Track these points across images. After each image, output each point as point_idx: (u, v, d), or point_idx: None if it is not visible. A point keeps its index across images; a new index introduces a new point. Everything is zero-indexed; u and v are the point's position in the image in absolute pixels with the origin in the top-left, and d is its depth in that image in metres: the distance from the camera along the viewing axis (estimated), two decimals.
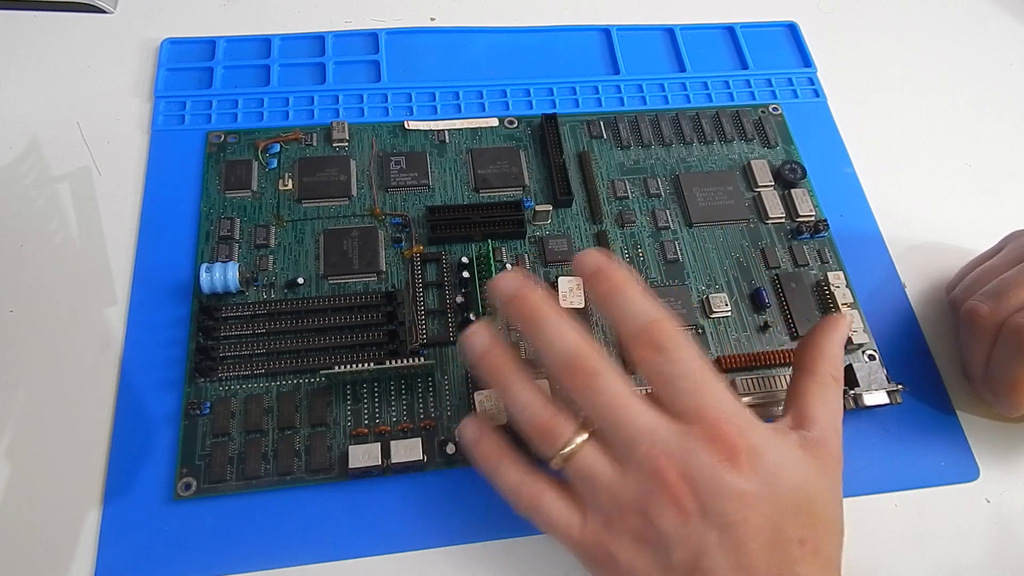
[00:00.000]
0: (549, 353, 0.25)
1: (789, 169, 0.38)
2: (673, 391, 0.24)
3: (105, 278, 0.33)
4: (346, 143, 0.37)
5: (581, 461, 0.24)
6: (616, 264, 0.25)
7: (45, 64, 0.39)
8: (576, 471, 0.24)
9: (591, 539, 0.24)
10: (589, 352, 0.24)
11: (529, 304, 0.25)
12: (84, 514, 0.28)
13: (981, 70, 0.46)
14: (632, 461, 0.23)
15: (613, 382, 0.24)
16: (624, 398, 0.24)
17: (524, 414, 0.25)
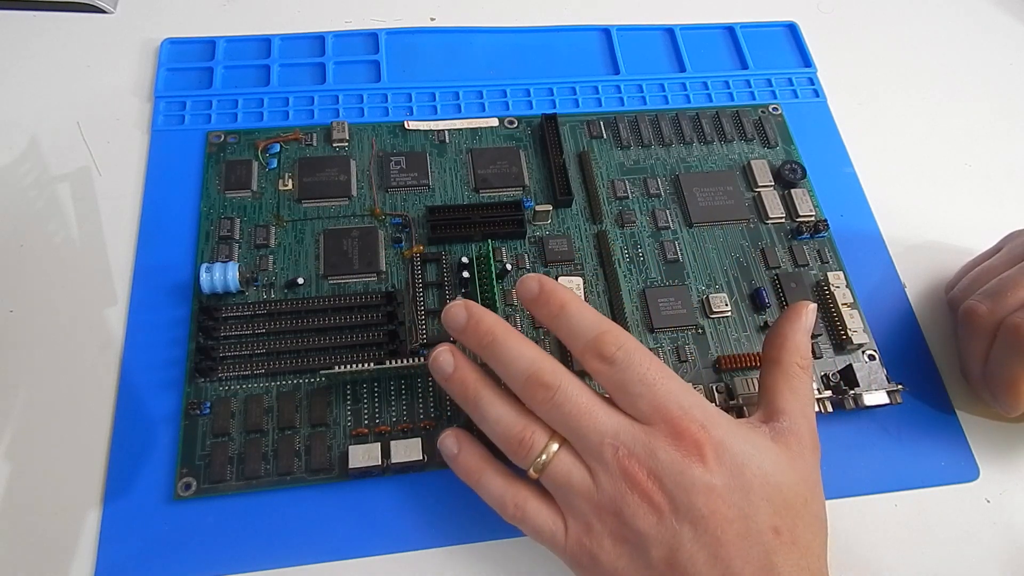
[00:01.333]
0: (508, 374, 0.26)
1: (789, 169, 0.38)
2: (630, 398, 0.24)
3: (105, 278, 0.33)
4: (346, 143, 0.37)
5: (555, 469, 0.25)
6: (554, 284, 0.26)
7: (45, 64, 0.39)
8: (552, 480, 0.25)
9: (574, 544, 0.25)
10: (545, 367, 0.25)
11: (482, 329, 0.26)
12: (84, 514, 0.28)
13: (981, 70, 0.46)
14: (601, 465, 0.24)
15: (572, 393, 0.25)
16: (585, 407, 0.24)
17: (496, 428, 0.26)
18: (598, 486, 0.24)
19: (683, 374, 0.32)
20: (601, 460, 0.24)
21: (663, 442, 0.24)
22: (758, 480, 0.23)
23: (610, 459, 0.24)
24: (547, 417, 0.25)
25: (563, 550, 0.25)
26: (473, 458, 0.27)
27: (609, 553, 0.24)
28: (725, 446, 0.24)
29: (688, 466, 0.23)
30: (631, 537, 0.24)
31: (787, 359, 0.27)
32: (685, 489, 0.23)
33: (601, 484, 0.24)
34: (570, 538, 0.25)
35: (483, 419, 0.26)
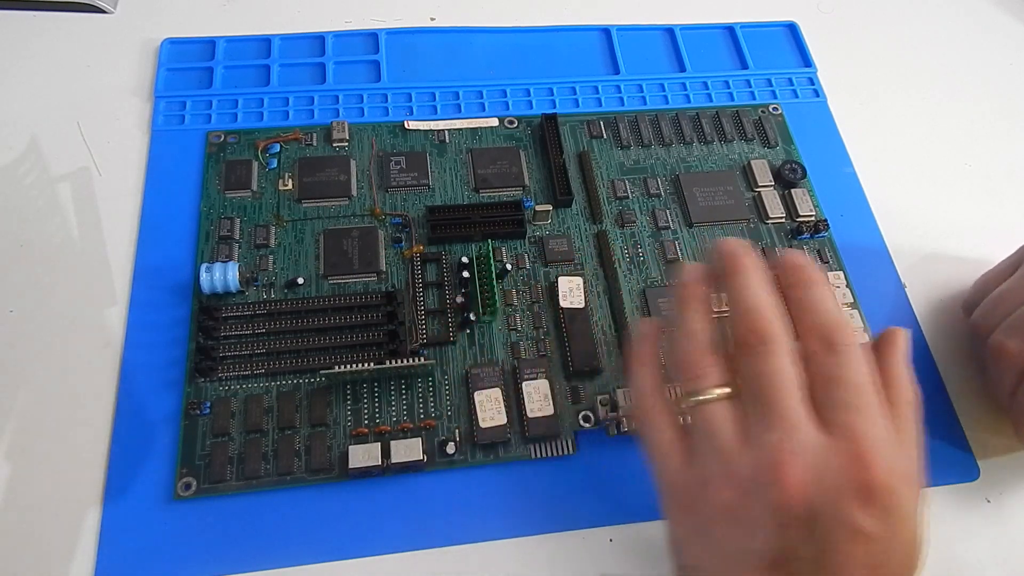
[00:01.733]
0: (740, 299, 0.24)
1: (789, 169, 0.38)
2: (833, 398, 0.22)
3: (105, 278, 0.33)
4: (346, 143, 0.37)
5: (710, 413, 0.23)
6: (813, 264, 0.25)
7: (45, 64, 0.39)
8: (701, 421, 0.23)
9: (682, 484, 0.24)
10: (771, 317, 0.23)
11: (741, 262, 0.25)
12: (84, 514, 0.28)
13: (981, 70, 0.46)
14: (759, 443, 0.22)
15: (781, 357, 0.23)
16: (787, 379, 0.22)
17: (685, 342, 0.24)
18: (742, 456, 0.22)
19: None
20: (763, 437, 0.22)
21: (839, 463, 0.21)
22: (904, 547, 0.22)
23: (773, 443, 0.22)
24: (744, 363, 0.23)
25: (667, 481, 0.24)
26: (652, 350, 0.26)
27: (713, 516, 0.22)
28: (896, 499, 0.21)
29: (848, 500, 0.21)
30: (745, 520, 0.22)
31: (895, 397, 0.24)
32: (833, 518, 0.21)
33: (747, 457, 0.22)
34: (683, 474, 0.24)
35: (683, 324, 0.25)
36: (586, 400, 0.31)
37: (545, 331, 0.33)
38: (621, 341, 0.32)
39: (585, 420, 0.31)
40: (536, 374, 0.31)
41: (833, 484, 0.21)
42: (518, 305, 0.33)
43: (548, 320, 0.33)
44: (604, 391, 0.31)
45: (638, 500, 0.30)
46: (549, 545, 0.29)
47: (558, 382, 0.32)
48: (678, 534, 0.24)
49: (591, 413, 0.31)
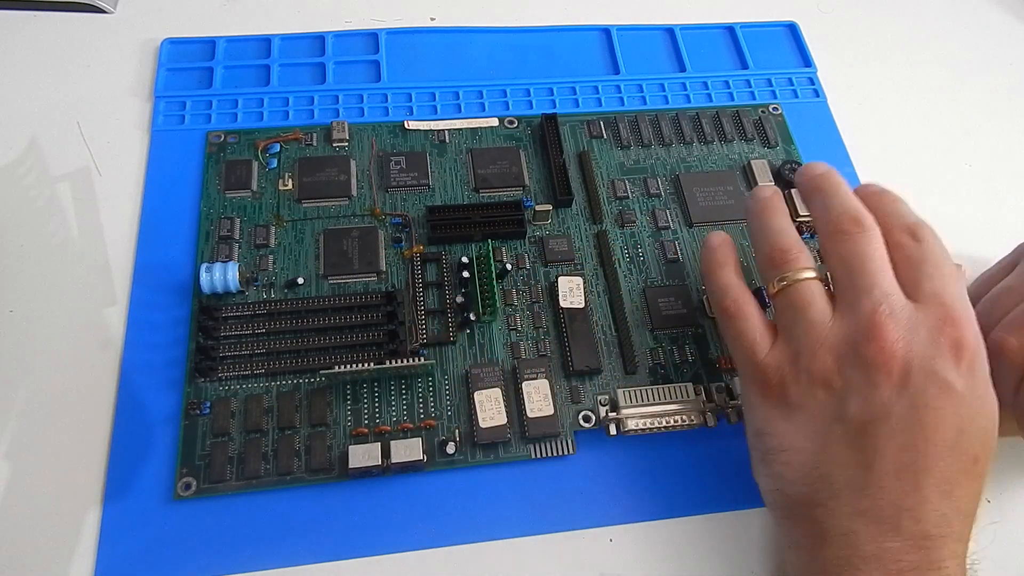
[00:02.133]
0: (832, 206, 0.26)
1: (789, 169, 0.38)
2: (920, 274, 0.24)
3: (105, 278, 0.33)
4: (346, 143, 0.37)
5: (800, 290, 0.25)
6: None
7: (45, 64, 0.39)
8: (791, 299, 0.25)
9: (772, 363, 0.25)
10: (867, 215, 0.25)
11: (834, 178, 0.27)
12: (84, 514, 0.28)
13: (981, 70, 0.46)
14: (854, 310, 0.24)
15: (877, 242, 0.25)
16: (879, 257, 0.24)
17: (772, 237, 0.27)
18: (834, 325, 0.24)
19: (683, 374, 0.32)
20: (857, 304, 0.24)
21: (928, 324, 0.23)
22: (988, 409, 0.23)
23: (867, 307, 0.23)
24: (842, 247, 0.25)
25: (754, 363, 0.25)
26: (725, 253, 0.28)
27: (804, 387, 0.24)
28: (981, 361, 0.23)
29: (941, 355, 0.23)
30: (837, 384, 0.23)
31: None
32: (926, 373, 0.22)
33: (839, 324, 0.24)
34: (772, 355, 0.25)
35: (766, 227, 0.27)
36: (586, 400, 0.31)
37: (545, 331, 0.33)
38: (621, 341, 0.32)
39: (585, 420, 0.31)
40: (536, 374, 0.31)
41: (925, 341, 0.23)
42: (518, 305, 0.33)
43: (548, 320, 0.33)
44: (604, 391, 0.31)
45: (638, 500, 0.30)
46: (549, 545, 0.29)
47: (558, 382, 0.32)
48: (764, 418, 0.25)
49: (591, 413, 0.31)
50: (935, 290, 0.24)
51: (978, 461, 0.23)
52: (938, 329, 0.23)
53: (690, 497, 0.30)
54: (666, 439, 0.31)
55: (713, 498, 0.30)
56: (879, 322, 0.23)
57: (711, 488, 0.30)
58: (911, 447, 0.22)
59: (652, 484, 0.30)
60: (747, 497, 0.30)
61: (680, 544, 0.29)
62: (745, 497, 0.30)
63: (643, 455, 0.31)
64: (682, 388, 0.30)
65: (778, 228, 0.27)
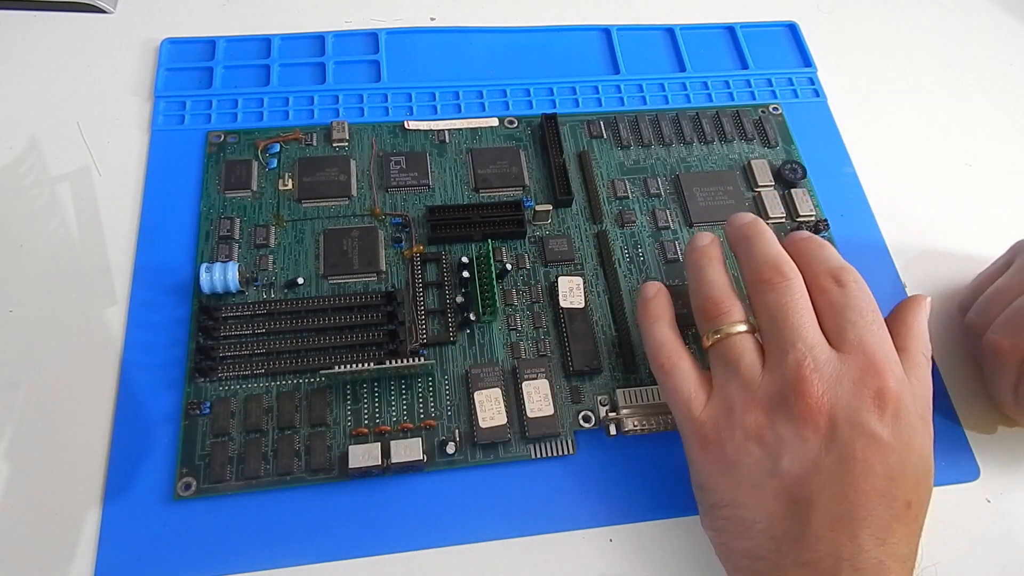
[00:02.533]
0: (754, 255, 0.27)
1: (789, 169, 0.38)
2: (843, 322, 0.25)
3: (105, 278, 0.33)
4: (346, 143, 0.37)
5: (732, 344, 0.26)
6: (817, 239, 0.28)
7: (45, 64, 0.39)
8: (723, 353, 0.26)
9: (707, 419, 0.25)
10: (790, 263, 0.26)
11: (757, 227, 0.28)
12: (84, 514, 0.28)
13: (981, 70, 0.46)
14: (781, 364, 0.24)
15: (799, 292, 0.25)
16: (802, 308, 0.25)
17: (705, 289, 0.27)
18: (763, 379, 0.25)
19: None
20: (783, 359, 0.24)
21: (852, 375, 0.24)
22: (917, 455, 0.24)
23: (792, 362, 0.24)
24: (765, 297, 0.26)
25: (691, 420, 0.26)
26: (660, 307, 0.28)
27: (739, 443, 0.24)
28: (906, 409, 0.24)
29: (866, 408, 0.23)
30: (769, 439, 0.24)
31: (913, 348, 0.26)
32: (851, 425, 0.23)
33: (768, 380, 0.24)
34: (706, 412, 0.25)
35: (700, 278, 0.28)
36: (586, 400, 0.31)
37: (545, 331, 0.33)
38: (621, 341, 0.32)
39: (585, 420, 0.31)
40: (536, 374, 0.31)
41: (849, 393, 0.23)
42: (518, 305, 0.33)
43: (548, 320, 0.33)
44: (604, 391, 0.31)
45: (638, 500, 0.30)
46: (549, 545, 0.29)
47: (558, 382, 0.32)
48: (704, 473, 0.26)
49: (591, 413, 0.31)
50: (858, 338, 0.24)
51: (911, 506, 0.23)
52: (860, 380, 0.24)
53: (690, 497, 0.30)
54: (666, 439, 0.31)
55: None
56: (804, 376, 0.24)
57: None
58: (843, 498, 0.23)
59: (652, 484, 0.30)
60: None
61: (680, 544, 0.29)
62: None
63: (643, 455, 0.31)
64: None
65: (711, 280, 0.27)
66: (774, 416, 0.24)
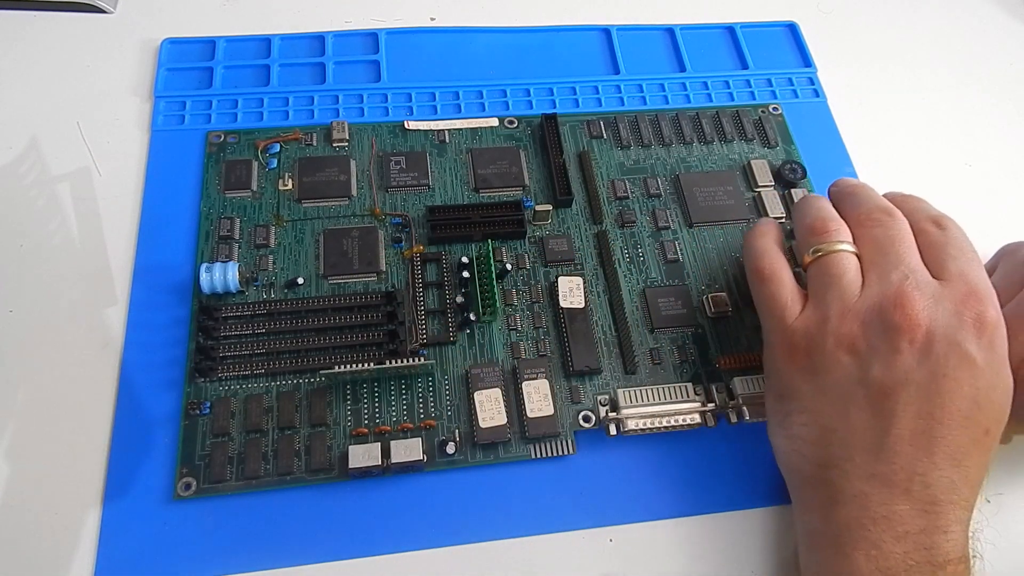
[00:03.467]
0: (862, 203, 0.28)
1: (789, 169, 0.38)
2: (944, 256, 0.25)
3: (105, 278, 0.33)
4: (346, 143, 0.37)
5: (834, 259, 0.26)
6: None
7: (45, 64, 0.39)
8: (824, 267, 0.26)
9: (800, 327, 0.26)
10: (896, 209, 0.27)
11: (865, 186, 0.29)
12: (84, 514, 0.28)
13: (981, 70, 0.46)
14: (883, 281, 0.25)
15: (905, 229, 0.26)
16: (908, 241, 0.26)
17: (813, 213, 0.28)
18: (864, 294, 0.25)
19: (683, 374, 0.32)
20: (886, 276, 0.25)
21: (953, 299, 0.24)
22: (1004, 384, 0.24)
23: (896, 279, 0.25)
24: (870, 233, 0.26)
25: (784, 327, 0.26)
26: (773, 229, 0.30)
27: (829, 351, 0.25)
28: (1001, 337, 0.24)
29: (963, 328, 0.24)
30: (862, 348, 0.24)
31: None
32: (947, 344, 0.23)
33: (868, 294, 0.25)
34: (799, 320, 0.26)
35: (807, 206, 0.29)
36: (586, 400, 0.31)
37: (545, 331, 0.33)
38: (621, 341, 0.32)
39: (585, 420, 0.31)
40: (536, 374, 0.31)
41: (949, 313, 0.24)
42: (518, 305, 0.33)
43: (548, 320, 0.33)
44: (604, 391, 0.31)
45: (638, 500, 0.30)
46: (549, 545, 0.29)
47: (558, 382, 0.32)
48: (787, 380, 0.26)
49: (591, 413, 0.31)
50: (960, 270, 0.25)
51: (989, 433, 0.24)
52: (962, 303, 0.24)
53: (690, 497, 0.30)
54: (666, 439, 0.31)
55: (713, 498, 0.30)
56: (906, 292, 0.24)
57: (711, 488, 0.30)
58: (927, 414, 0.23)
59: (652, 484, 0.30)
60: (747, 497, 0.30)
61: (680, 544, 0.29)
62: (745, 497, 0.30)
63: (643, 455, 0.31)
64: (682, 388, 0.30)
65: (819, 205, 0.29)
66: (870, 326, 0.24)
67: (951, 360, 0.23)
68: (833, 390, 0.25)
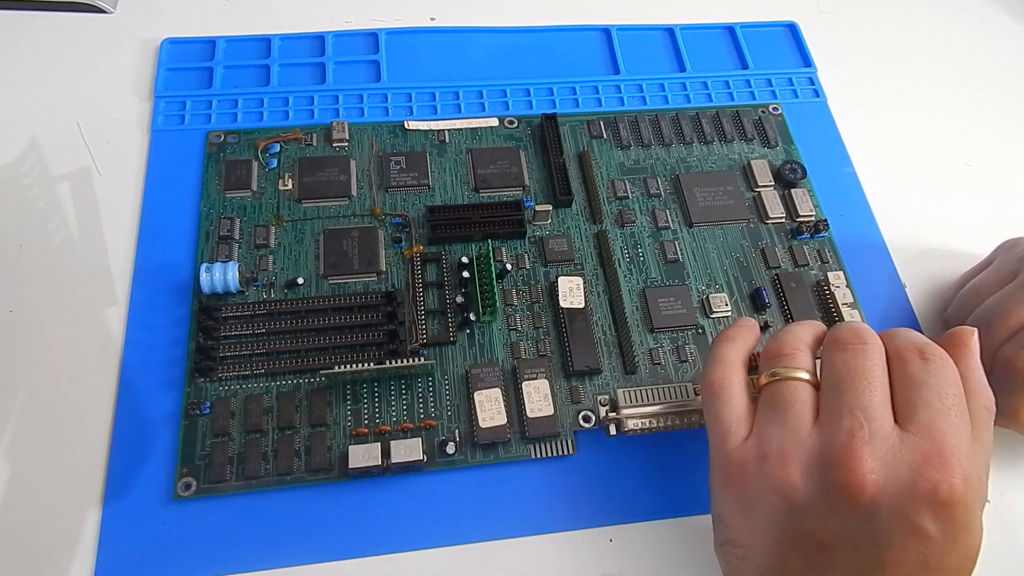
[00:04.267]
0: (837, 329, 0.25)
1: (789, 169, 0.38)
2: (917, 399, 0.22)
3: (105, 278, 0.33)
4: (346, 143, 0.37)
5: (787, 387, 0.24)
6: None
7: (45, 64, 0.39)
8: (775, 394, 0.24)
9: (738, 458, 0.24)
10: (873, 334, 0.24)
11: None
12: (84, 514, 0.28)
13: (981, 70, 0.46)
14: (833, 427, 0.22)
15: (874, 359, 0.23)
16: (872, 374, 0.23)
17: (784, 336, 0.26)
18: (810, 437, 0.22)
19: (683, 374, 0.32)
20: (837, 422, 0.22)
21: (912, 460, 0.21)
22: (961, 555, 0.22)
23: (846, 428, 0.22)
24: (832, 360, 0.24)
25: (724, 452, 0.24)
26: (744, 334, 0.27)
27: (762, 493, 0.22)
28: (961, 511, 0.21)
29: (915, 499, 0.21)
30: (799, 500, 0.22)
31: (974, 404, 0.23)
32: (896, 515, 0.21)
33: (814, 438, 0.22)
34: (739, 449, 0.24)
35: (785, 330, 0.26)
36: (586, 400, 0.31)
37: (545, 331, 0.33)
38: (621, 341, 0.32)
39: (585, 420, 0.31)
40: (536, 374, 0.31)
41: (903, 480, 0.21)
42: (518, 305, 0.33)
43: (548, 320, 0.33)
44: (604, 391, 0.31)
45: (638, 500, 0.30)
46: (549, 545, 0.29)
47: (558, 382, 0.32)
48: (722, 508, 0.25)
49: (591, 413, 0.31)
50: (930, 421, 0.22)
51: None
52: (920, 469, 0.21)
53: (690, 497, 0.30)
54: (666, 439, 0.31)
55: None
56: (855, 449, 0.21)
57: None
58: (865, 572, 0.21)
59: (652, 484, 0.30)
60: None
61: (680, 544, 0.29)
62: None
63: (643, 455, 0.31)
64: (682, 388, 0.30)
65: (793, 330, 0.26)
66: (810, 478, 0.22)
67: (897, 531, 0.21)
68: (766, 531, 0.23)
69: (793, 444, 0.22)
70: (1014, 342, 0.29)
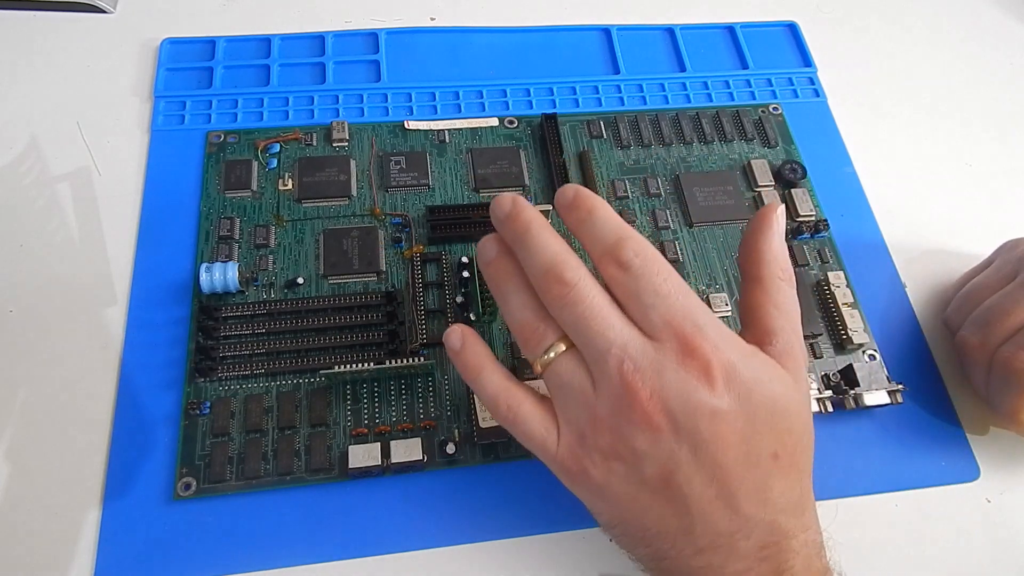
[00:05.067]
0: (531, 265, 0.24)
1: (789, 169, 0.38)
2: (643, 308, 0.23)
3: (105, 278, 0.33)
4: (346, 143, 0.37)
5: (558, 369, 0.24)
6: (588, 192, 0.25)
7: (45, 64, 0.39)
8: (554, 379, 0.24)
9: (565, 453, 0.24)
10: (567, 263, 0.24)
11: (520, 221, 0.25)
12: (84, 514, 0.28)
13: (981, 70, 0.46)
14: (604, 376, 0.23)
15: (588, 294, 0.23)
16: (598, 311, 0.23)
17: (513, 317, 0.25)
18: (598, 396, 0.23)
19: None
20: (605, 371, 0.23)
21: (672, 360, 0.22)
22: (764, 407, 0.23)
23: (614, 371, 0.22)
24: (559, 316, 0.24)
25: (553, 459, 0.24)
26: (475, 355, 0.26)
27: (600, 467, 0.23)
28: (735, 370, 0.22)
29: (695, 388, 0.22)
30: (626, 454, 0.23)
31: (767, 274, 0.25)
32: (689, 411, 0.22)
33: (601, 395, 0.23)
34: (561, 447, 0.24)
35: (505, 305, 0.25)
36: None
37: None
38: None
39: None
40: None
41: (676, 379, 0.22)
42: None
43: None
44: None
45: None
46: (549, 545, 0.29)
47: None
48: (586, 503, 0.25)
49: None
50: (662, 319, 0.23)
51: (778, 456, 0.23)
52: (681, 362, 0.22)
53: None
54: None
55: None
56: (628, 382, 0.22)
57: None
58: (711, 479, 0.22)
59: None
60: None
61: None
62: None
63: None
64: None
65: (514, 304, 0.25)
66: (618, 431, 0.23)
67: (700, 425, 0.22)
68: (624, 497, 0.23)
69: (592, 411, 0.23)
70: (1013, 342, 0.29)
